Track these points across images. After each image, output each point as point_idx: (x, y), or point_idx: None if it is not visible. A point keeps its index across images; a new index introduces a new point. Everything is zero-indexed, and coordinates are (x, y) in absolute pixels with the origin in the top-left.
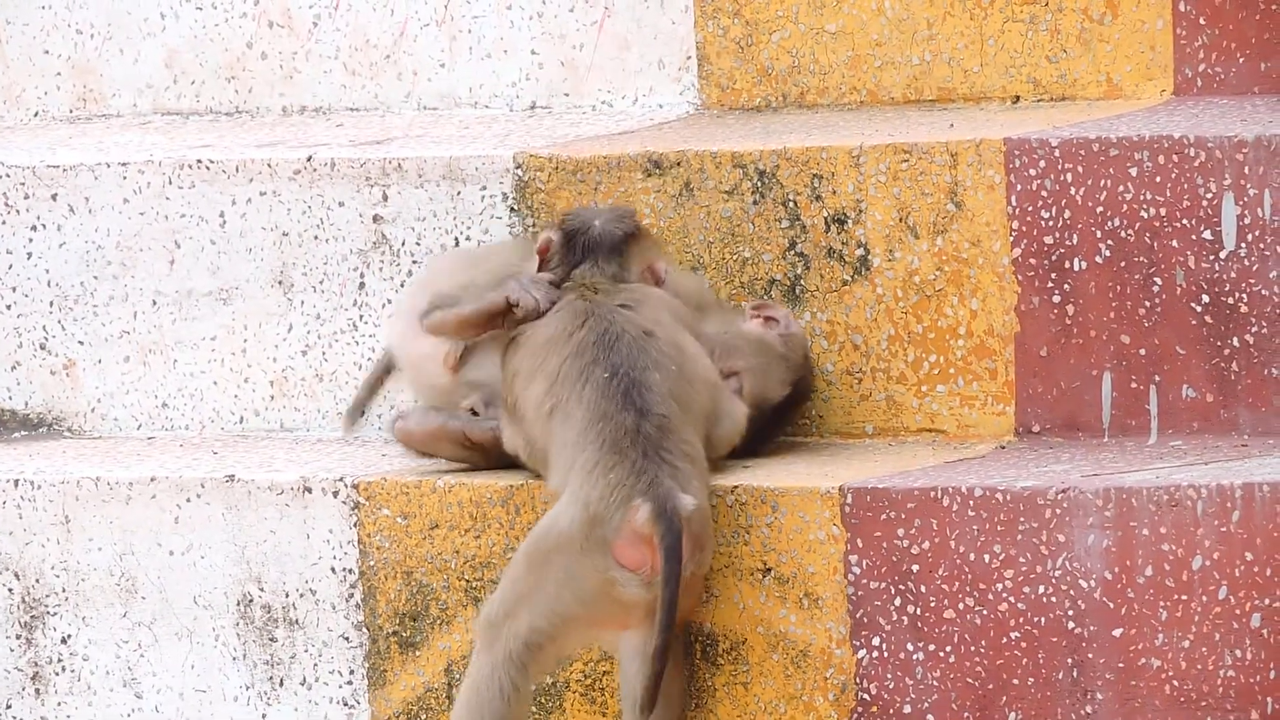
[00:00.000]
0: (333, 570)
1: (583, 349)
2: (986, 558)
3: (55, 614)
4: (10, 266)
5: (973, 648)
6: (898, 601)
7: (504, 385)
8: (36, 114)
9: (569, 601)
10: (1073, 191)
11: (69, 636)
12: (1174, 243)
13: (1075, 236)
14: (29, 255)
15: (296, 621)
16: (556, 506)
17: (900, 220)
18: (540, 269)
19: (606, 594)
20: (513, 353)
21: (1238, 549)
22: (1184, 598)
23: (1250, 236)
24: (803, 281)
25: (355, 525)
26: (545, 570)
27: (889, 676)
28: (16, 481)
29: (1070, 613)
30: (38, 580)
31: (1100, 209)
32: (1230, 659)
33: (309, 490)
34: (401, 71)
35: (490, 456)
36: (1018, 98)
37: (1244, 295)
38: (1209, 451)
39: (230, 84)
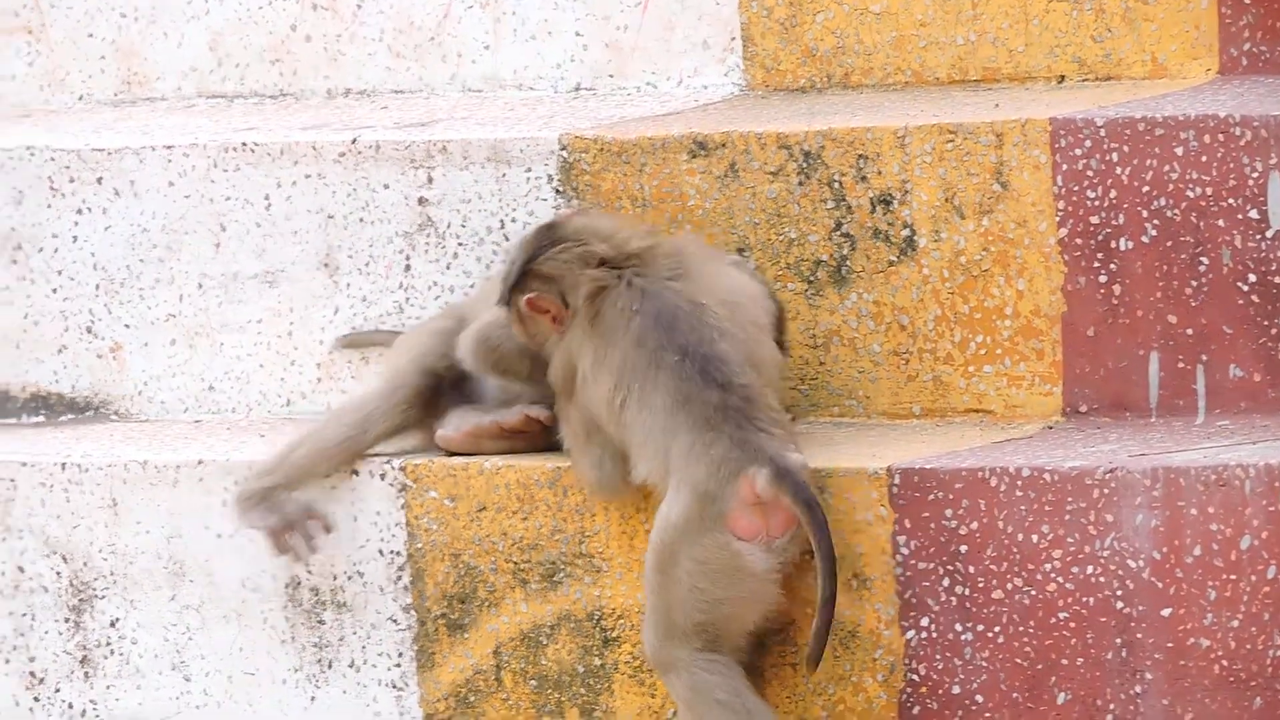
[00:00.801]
0: (380, 553)
1: (644, 337)
2: (1035, 538)
3: (103, 597)
4: (56, 250)
5: (1021, 628)
6: (946, 582)
7: (558, 377)
8: (81, 97)
9: (706, 587)
10: (1119, 171)
11: (117, 620)
12: (1220, 222)
13: (1121, 216)
14: (74, 239)
15: (345, 604)
16: (663, 504)
17: (946, 200)
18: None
19: (734, 568)
20: (565, 348)
21: None
22: (1233, 577)
23: None
24: (849, 262)
25: (403, 507)
26: (675, 569)
27: (938, 657)
28: (64, 465)
29: (1119, 592)
30: (86, 563)
31: (1146, 188)
32: (1279, 638)
33: (356, 473)
34: (446, 53)
35: (533, 438)
36: (1063, 77)
37: None
38: (1257, 431)
39: (274, 66)
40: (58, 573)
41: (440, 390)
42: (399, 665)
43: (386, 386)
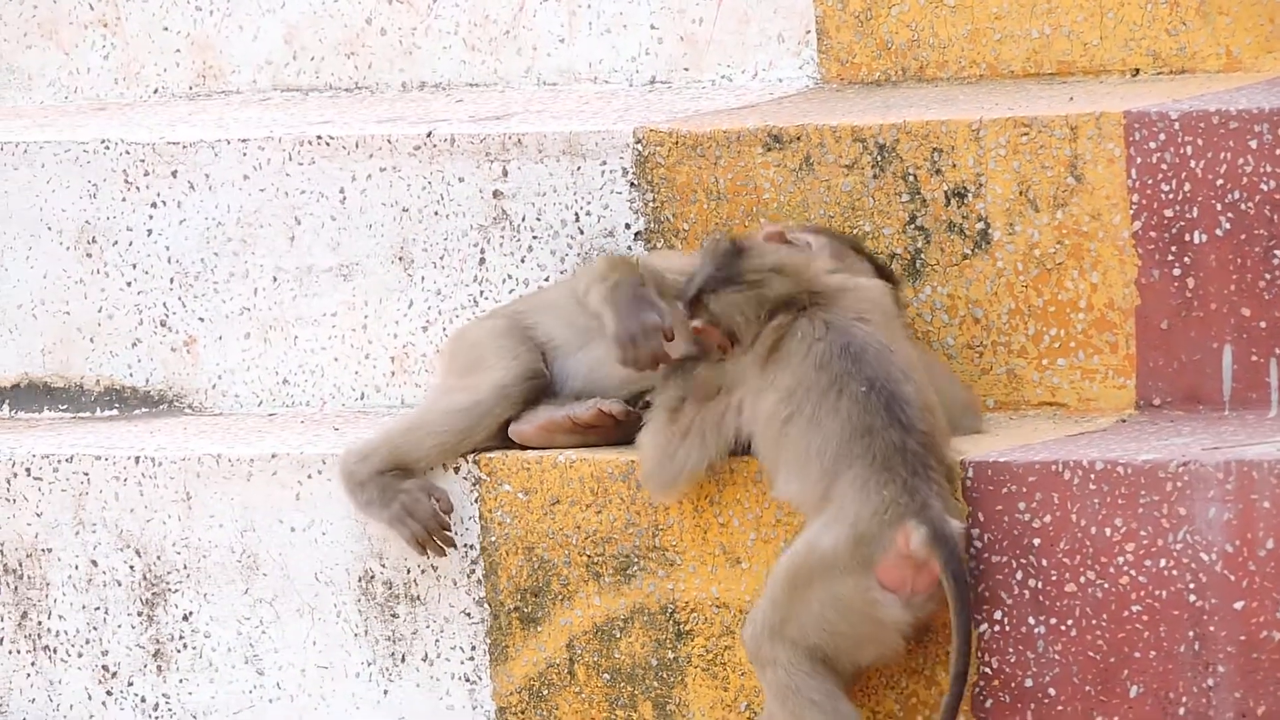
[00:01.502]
0: (454, 546)
1: (826, 361)
2: (1108, 531)
3: (177, 591)
4: (131, 244)
5: (1094, 621)
6: (1019, 575)
7: (700, 380)
8: (156, 91)
9: (834, 620)
10: (1193, 164)
11: (191, 613)
12: None
13: (1195, 209)
14: (149, 232)
15: (418, 598)
16: (816, 525)
17: (1020, 194)
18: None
19: (868, 614)
20: (723, 367)
21: None
22: None
23: None
24: (923, 255)
25: (477, 501)
26: (808, 591)
27: (1010, 650)
28: (138, 458)
29: (1191, 586)
30: (159, 557)
31: (1220, 181)
32: None
33: (430, 466)
34: (521, 47)
35: (606, 432)
36: (1137, 70)
37: None
38: None
39: (350, 60)
40: (131, 566)
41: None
42: (472, 659)
43: (495, 385)
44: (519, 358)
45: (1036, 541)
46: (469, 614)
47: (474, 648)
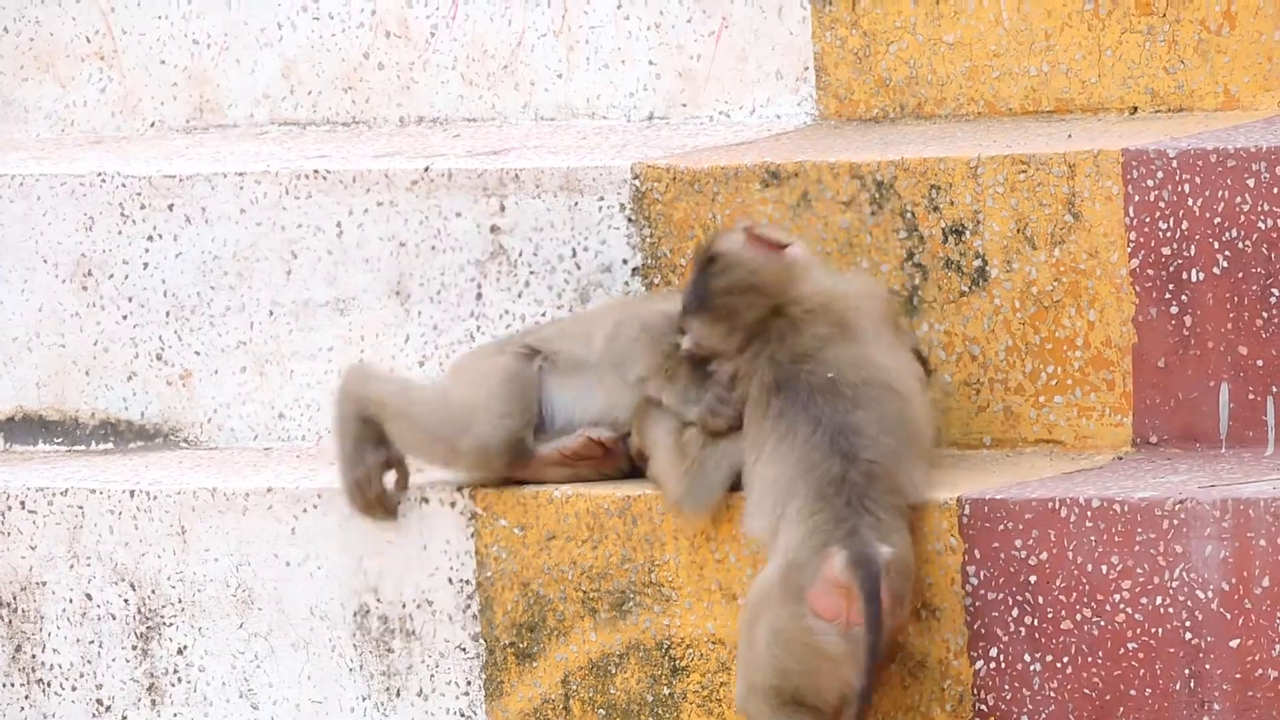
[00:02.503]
0: (450, 581)
1: (778, 412)
2: (1104, 568)
3: (171, 624)
4: (127, 277)
5: (1090, 658)
6: (1015, 612)
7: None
8: (153, 124)
9: (780, 655)
10: (1190, 202)
11: (185, 647)
12: None
13: (1193, 247)
14: (145, 265)
15: (413, 632)
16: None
17: (1018, 231)
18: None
19: (806, 644)
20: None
21: None
22: None
23: None
24: (920, 292)
25: (472, 536)
26: (755, 629)
27: (1006, 687)
28: (133, 492)
29: (1188, 623)
30: (154, 591)
31: (1218, 220)
32: None
33: (426, 500)
34: (519, 82)
35: (597, 463)
36: (1135, 108)
37: None
38: None
39: (347, 94)
40: (125, 600)
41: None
42: (467, 694)
43: (477, 445)
44: (510, 417)
45: (1033, 579)
46: (464, 649)
47: (469, 683)
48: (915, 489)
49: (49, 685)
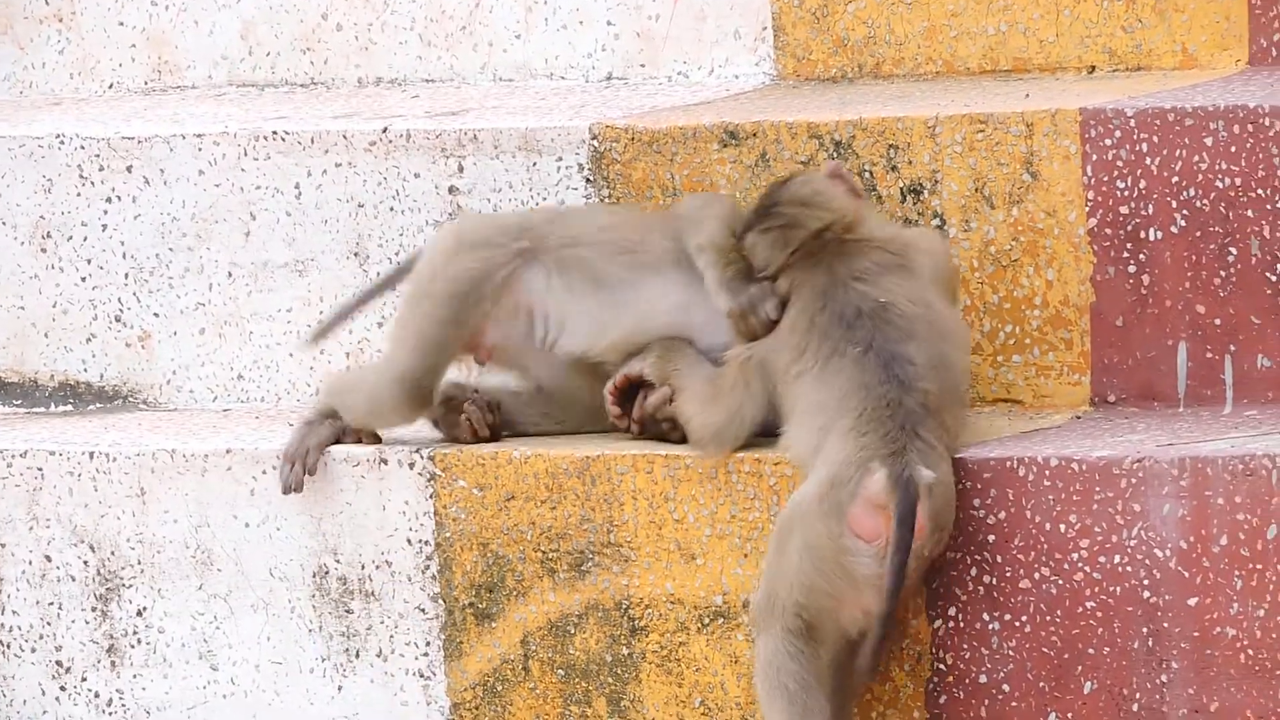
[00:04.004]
0: (409, 542)
1: (828, 330)
2: (1062, 527)
3: (131, 586)
4: (85, 239)
5: (1048, 617)
6: (974, 572)
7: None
8: (111, 86)
9: (809, 571)
10: (1148, 161)
11: (145, 609)
12: (1249, 212)
13: (1151, 206)
14: (104, 227)
15: (372, 593)
16: (805, 480)
17: (976, 190)
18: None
19: (840, 564)
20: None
21: None
22: (1259, 566)
23: None
24: None
25: (431, 497)
26: (789, 541)
27: (965, 646)
28: (92, 454)
29: (1145, 582)
30: (113, 553)
31: (1176, 179)
32: None
33: (385, 462)
34: (477, 42)
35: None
36: (1093, 68)
37: None
38: None
39: (305, 55)
40: (85, 562)
41: None
42: (426, 654)
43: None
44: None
45: (991, 538)
46: (423, 610)
47: (428, 644)
48: (954, 435)
49: (8, 647)
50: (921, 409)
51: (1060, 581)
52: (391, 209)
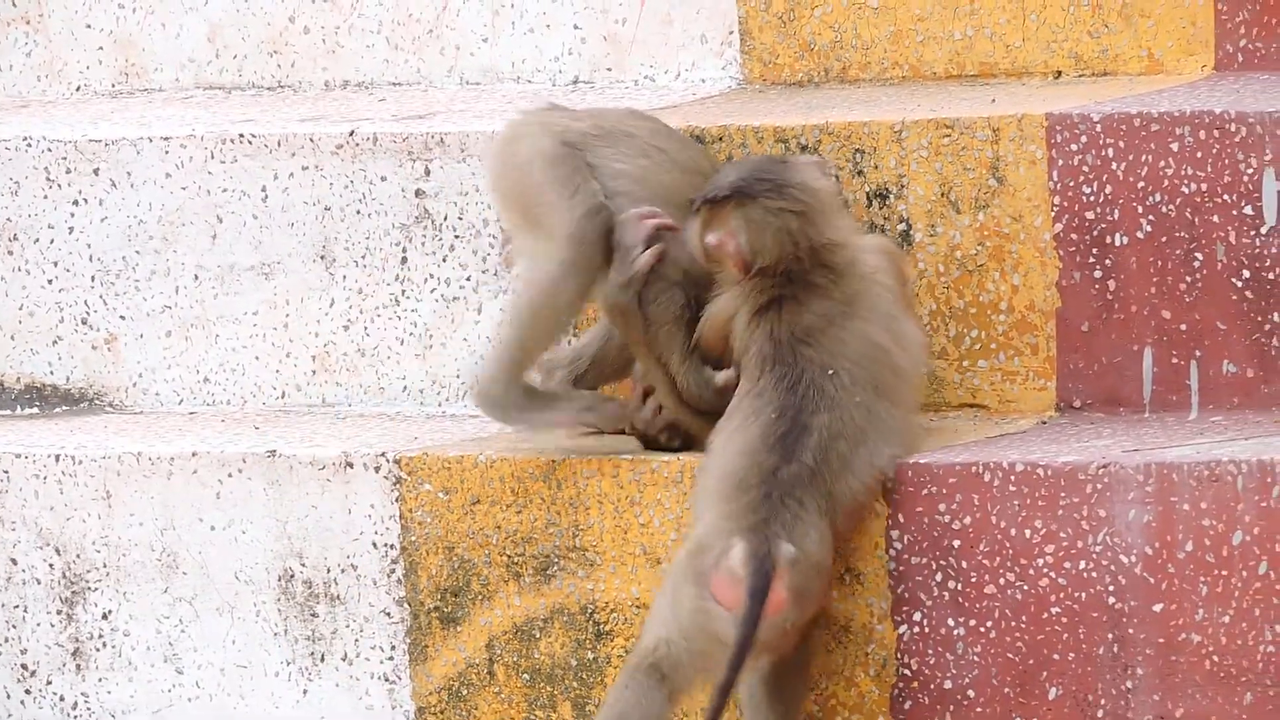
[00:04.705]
0: (374, 545)
1: (763, 391)
2: (1028, 533)
3: (96, 589)
4: (52, 241)
5: (1013, 623)
6: (939, 577)
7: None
8: (78, 88)
9: (673, 626)
10: (1114, 167)
11: (110, 612)
12: (1215, 218)
13: (1117, 212)
14: (70, 230)
15: (338, 597)
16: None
17: (942, 195)
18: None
19: (701, 626)
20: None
21: (1278, 524)
22: (1224, 573)
23: None
24: None
25: (397, 500)
26: (665, 591)
27: (930, 652)
28: (58, 457)
29: (1111, 588)
30: (79, 556)
31: (1141, 184)
32: (1270, 634)
33: (351, 465)
34: (444, 46)
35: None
36: (1059, 73)
37: None
38: (1249, 427)
39: (273, 58)
40: (50, 565)
41: None
42: (391, 658)
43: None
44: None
45: (956, 543)
46: (389, 613)
47: (394, 647)
48: (880, 469)
49: None
50: (792, 480)
51: (1025, 587)
52: (358, 212)
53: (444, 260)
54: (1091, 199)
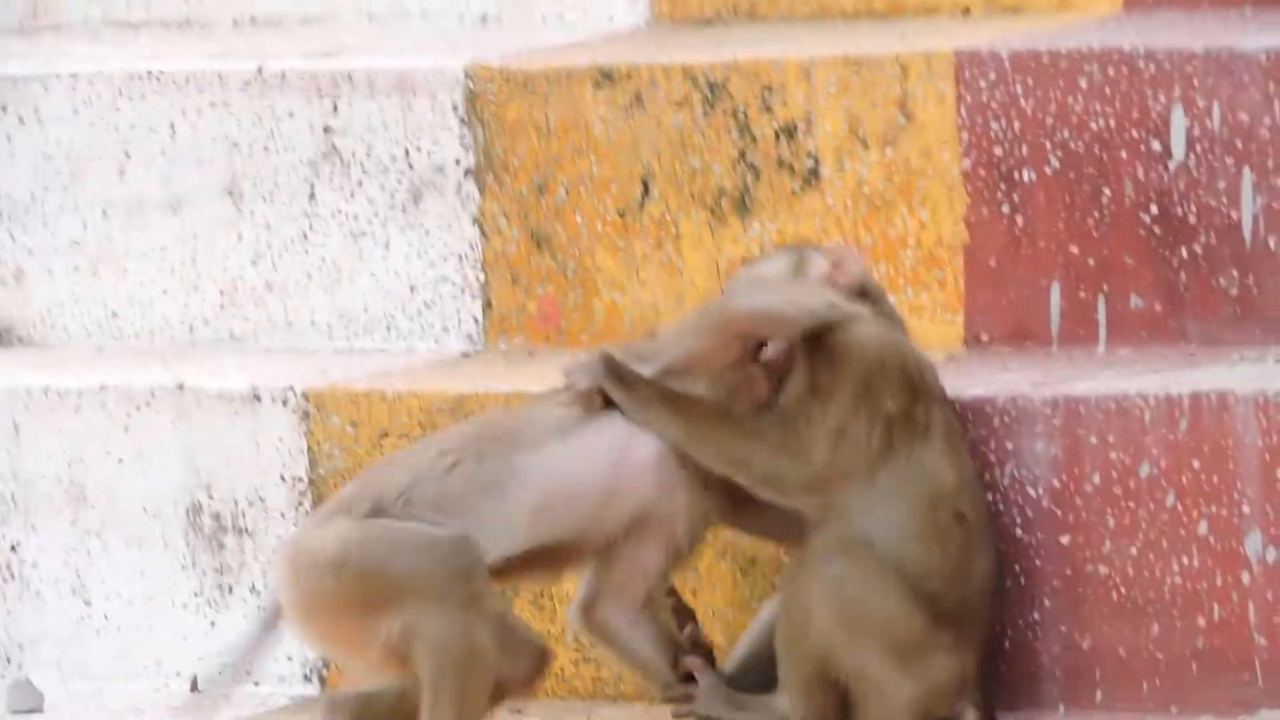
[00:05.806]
0: (282, 478)
1: None
2: None
3: (4, 521)
4: None
5: None
6: None
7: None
8: None
9: None
10: (1023, 103)
11: (18, 544)
12: (1123, 154)
13: (1025, 148)
14: None
15: (246, 529)
16: None
17: (850, 131)
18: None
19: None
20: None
21: (1185, 457)
22: (1131, 505)
23: (1199, 148)
24: (752, 192)
25: (305, 434)
26: None
27: None
28: None
29: (1018, 520)
30: None
31: (1050, 120)
32: (1177, 566)
33: (258, 399)
34: None
35: None
36: (968, 9)
37: (1192, 206)
38: (1157, 361)
39: None
40: None
41: None
42: None
43: None
44: None
45: None
46: None
47: None
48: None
49: None
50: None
51: None
52: (266, 148)
53: (351, 196)
54: (1000, 135)
